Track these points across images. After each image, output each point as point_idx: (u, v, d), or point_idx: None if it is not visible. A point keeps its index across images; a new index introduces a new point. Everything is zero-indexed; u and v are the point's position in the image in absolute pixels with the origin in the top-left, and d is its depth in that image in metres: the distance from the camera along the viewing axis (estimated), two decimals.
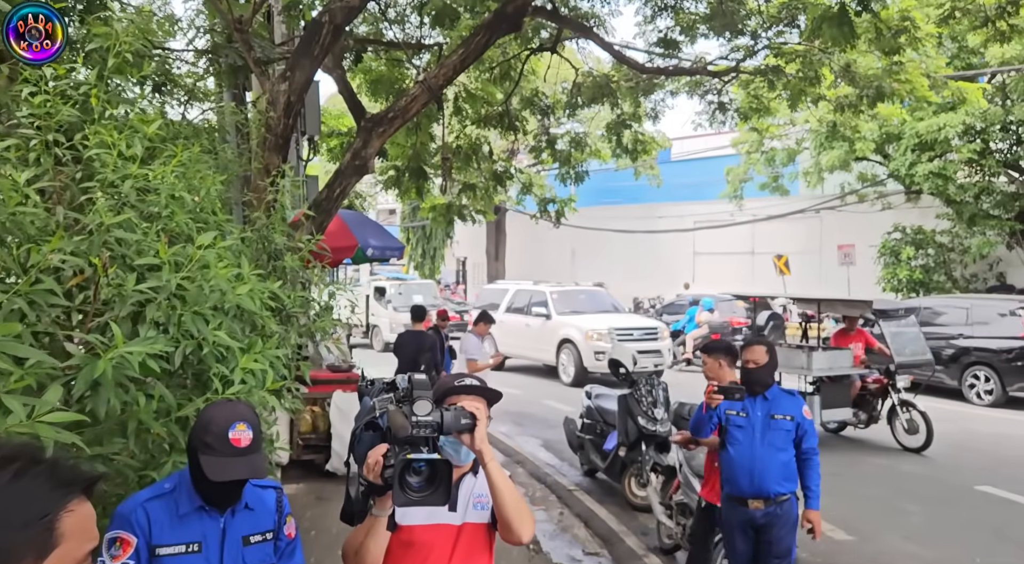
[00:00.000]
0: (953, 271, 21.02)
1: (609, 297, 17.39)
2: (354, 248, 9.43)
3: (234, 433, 2.00)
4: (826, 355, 9.33)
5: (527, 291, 17.00)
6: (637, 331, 15.08)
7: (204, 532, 2.07)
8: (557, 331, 15.27)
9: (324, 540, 5.43)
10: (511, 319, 16.58)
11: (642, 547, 5.97)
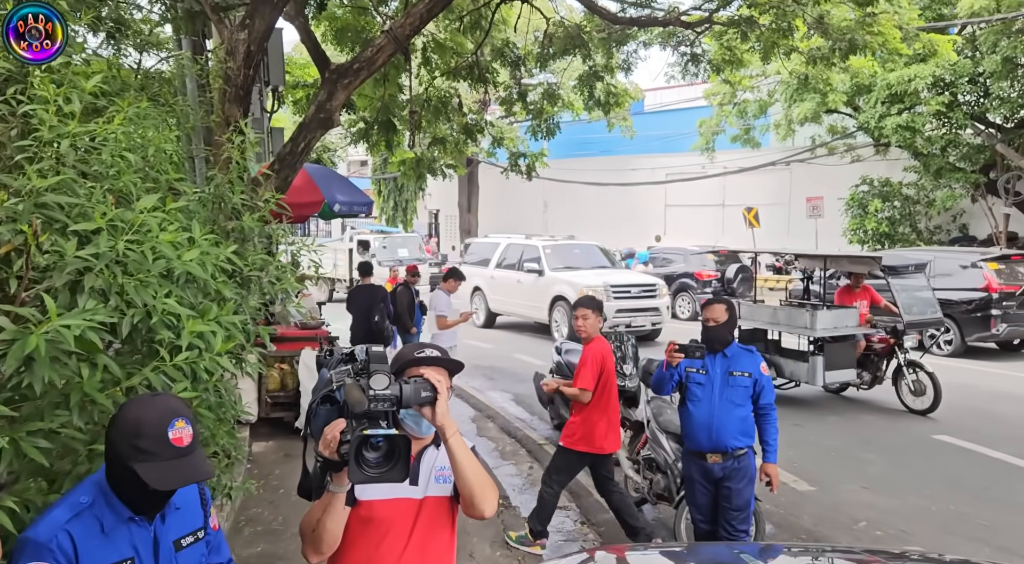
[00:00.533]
0: (918, 223, 21.36)
1: (602, 252, 16.47)
2: (320, 204, 9.24)
3: (174, 432, 1.77)
4: (830, 314, 8.91)
5: (519, 246, 16.20)
6: (634, 288, 14.38)
7: (135, 544, 1.85)
8: (550, 288, 14.62)
9: (293, 498, 5.43)
10: (502, 275, 16.02)
11: None
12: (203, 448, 3.41)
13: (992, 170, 19.99)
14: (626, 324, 13.55)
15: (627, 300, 13.83)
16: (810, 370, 8.80)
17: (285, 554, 4.79)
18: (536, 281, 14.96)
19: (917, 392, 8.68)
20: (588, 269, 14.94)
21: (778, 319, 9.32)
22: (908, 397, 8.78)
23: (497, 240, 17.37)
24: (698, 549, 3.21)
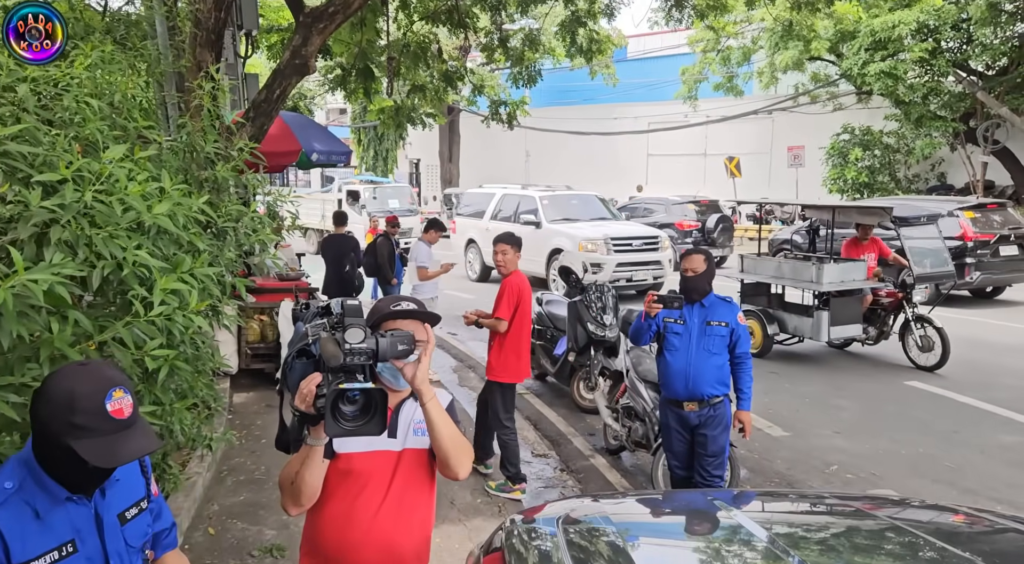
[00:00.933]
0: (897, 172, 21.44)
1: (601, 202, 15.72)
2: (298, 153, 9.09)
3: (112, 404, 1.61)
4: (837, 267, 8.55)
5: (515, 196, 15.52)
6: (636, 241, 13.65)
7: (76, 525, 1.69)
8: (548, 240, 13.91)
9: (275, 448, 5.47)
10: (497, 227, 14.54)
11: (589, 448, 6.17)
12: (181, 401, 3.43)
13: (972, 118, 20.03)
14: (627, 278, 13.10)
15: (628, 253, 13.22)
16: (815, 325, 8.55)
17: (268, 502, 4.84)
18: (533, 233, 14.09)
19: (925, 348, 8.35)
20: (587, 221, 14.37)
21: (783, 273, 9.03)
22: (915, 353, 8.47)
23: (492, 190, 16.62)
24: (673, 496, 3.29)
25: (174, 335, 2.62)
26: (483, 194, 16.81)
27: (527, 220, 14.54)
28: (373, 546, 2.14)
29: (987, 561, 1.80)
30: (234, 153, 4.19)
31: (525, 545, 2.12)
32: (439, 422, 2.08)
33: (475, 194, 17.45)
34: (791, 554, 1.83)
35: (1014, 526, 2.19)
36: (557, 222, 14.24)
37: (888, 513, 2.27)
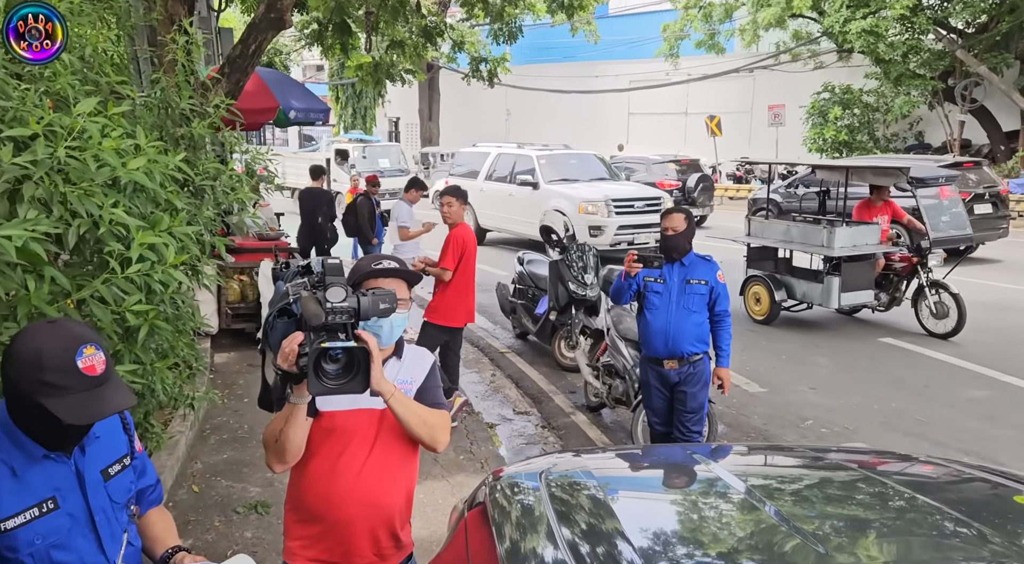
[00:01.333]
0: (876, 131, 21.52)
1: (600, 162, 15.15)
2: (275, 110, 8.92)
3: (83, 360, 1.58)
4: (850, 231, 8.17)
5: (511, 155, 14.85)
6: (638, 202, 13.06)
7: (55, 483, 1.67)
8: (546, 202, 13.28)
9: (257, 407, 5.50)
10: (492, 188, 14.69)
11: (570, 405, 6.26)
12: (162, 360, 3.42)
13: (951, 77, 20.09)
14: (628, 241, 12.47)
15: (630, 215, 12.61)
16: (824, 291, 8.23)
17: (252, 460, 4.88)
18: (530, 195, 13.68)
19: (939, 314, 8.01)
20: (586, 181, 13.82)
21: (791, 237, 8.67)
22: (928, 319, 8.12)
23: (486, 149, 16.00)
24: (653, 451, 3.35)
25: (153, 292, 2.60)
26: (477, 153, 16.17)
27: (524, 180, 13.98)
28: (357, 502, 2.17)
29: (953, 508, 1.86)
30: (210, 110, 4.10)
31: (508, 500, 2.16)
32: (404, 415, 2.10)
33: (469, 153, 16.71)
34: (767, 504, 1.88)
35: (980, 475, 2.26)
36: (555, 183, 13.61)
37: (860, 464, 2.34)
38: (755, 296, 8.91)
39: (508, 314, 8.26)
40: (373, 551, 2.22)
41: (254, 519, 4.24)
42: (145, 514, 1.94)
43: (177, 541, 1.93)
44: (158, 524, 1.95)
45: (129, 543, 1.82)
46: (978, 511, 1.93)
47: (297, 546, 2.25)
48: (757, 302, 8.88)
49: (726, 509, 1.97)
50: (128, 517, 1.83)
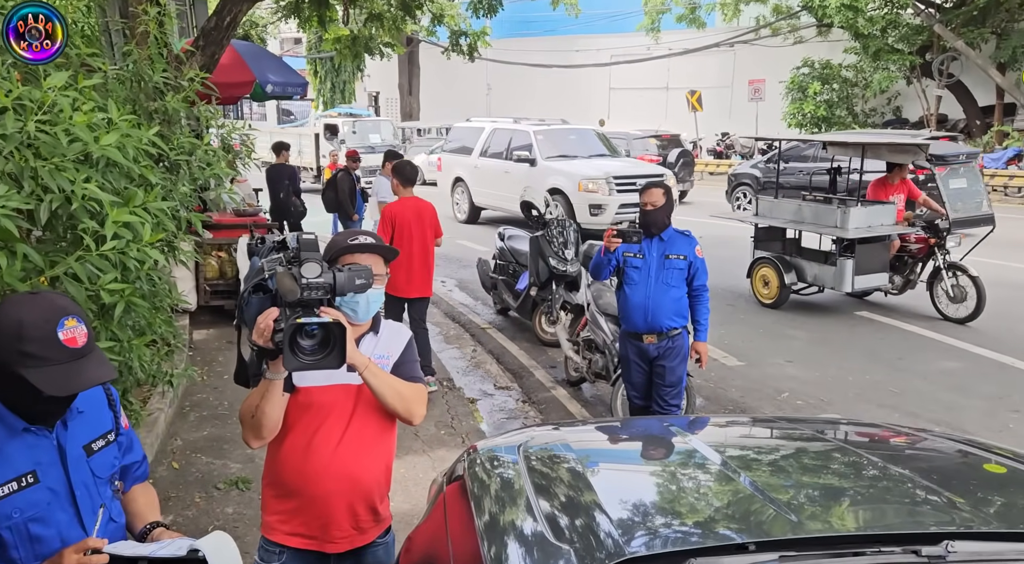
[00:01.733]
0: (854, 106, 21.64)
1: (599, 138, 14.53)
2: (251, 84, 8.78)
3: (65, 332, 1.58)
4: (864, 211, 7.78)
5: (506, 131, 14.26)
6: (640, 179, 11.55)
7: (36, 457, 1.65)
8: (544, 179, 12.69)
9: (237, 385, 5.48)
10: (487, 165, 14.17)
11: (550, 380, 6.30)
12: (139, 337, 3.39)
13: (928, 51, 20.20)
14: (631, 220, 12.07)
15: (632, 193, 11.54)
16: (837, 274, 7.84)
17: (232, 437, 4.88)
18: (528, 172, 13.06)
19: (956, 298, 7.67)
20: (585, 158, 13.28)
21: (802, 217, 8.25)
22: (944, 303, 7.79)
23: (481, 124, 15.39)
24: (631, 423, 3.39)
25: (129, 270, 2.57)
26: (470, 129, 15.54)
27: (521, 157, 13.39)
28: (335, 476, 2.18)
29: (924, 477, 1.91)
30: (184, 83, 4.03)
31: (487, 473, 2.18)
32: (380, 387, 2.11)
33: (462, 129, 16.04)
34: (742, 475, 1.92)
35: (948, 444, 2.32)
36: (553, 159, 13.10)
37: (834, 435, 2.39)
38: (763, 279, 8.55)
39: (489, 290, 8.26)
40: (351, 524, 2.24)
41: (235, 495, 4.25)
42: (129, 490, 1.94)
43: (158, 517, 1.93)
44: (140, 500, 1.95)
45: (112, 519, 1.81)
46: (948, 479, 1.98)
47: (275, 520, 2.26)
48: (765, 285, 8.52)
49: (703, 480, 2.00)
50: (112, 493, 1.83)
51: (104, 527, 1.78)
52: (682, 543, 1.56)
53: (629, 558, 1.46)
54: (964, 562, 1.44)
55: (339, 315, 1.93)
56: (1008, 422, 5.39)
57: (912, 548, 1.46)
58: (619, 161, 13.64)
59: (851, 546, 1.50)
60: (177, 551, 1.66)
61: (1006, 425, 5.32)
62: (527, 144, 13.51)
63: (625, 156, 14.82)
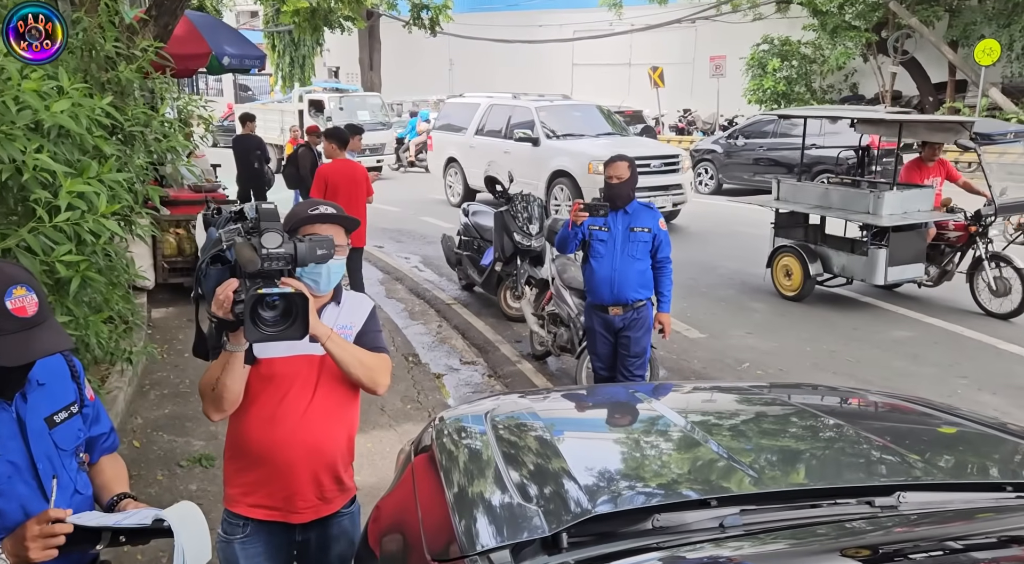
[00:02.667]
0: (813, 82, 21.96)
1: (604, 115, 13.31)
2: (207, 56, 8.55)
3: (13, 301, 1.54)
4: (900, 196, 7.04)
5: (505, 107, 13.14)
6: (655, 160, 11.43)
7: None
8: (548, 161, 11.74)
9: (198, 361, 5.41)
10: (484, 144, 13.06)
11: (516, 354, 6.34)
12: (96, 314, 3.32)
13: (884, 29, 20.55)
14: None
15: (646, 175, 10.05)
16: (868, 265, 7.18)
17: (194, 415, 4.82)
18: (530, 152, 11.98)
19: (999, 292, 6.96)
20: (592, 137, 12.16)
21: (829, 202, 7.53)
22: (986, 297, 7.10)
23: (476, 100, 14.13)
24: (596, 391, 3.43)
25: (84, 243, 2.51)
26: (464, 105, 14.38)
27: (522, 136, 12.20)
28: (299, 447, 2.16)
29: (879, 435, 1.98)
30: (138, 53, 3.91)
31: (455, 443, 2.19)
32: (343, 357, 2.10)
33: (455, 105, 14.85)
34: (705, 437, 1.96)
35: (901, 404, 2.40)
36: (558, 138, 12.03)
37: (794, 398, 2.45)
38: (785, 269, 7.82)
39: (454, 266, 8.25)
40: (316, 495, 2.23)
41: (199, 472, 4.22)
42: (97, 461, 1.92)
43: (126, 488, 1.90)
44: (108, 471, 1.92)
45: (77, 491, 1.79)
46: (902, 437, 2.06)
47: (238, 493, 2.25)
48: (787, 276, 7.81)
49: (667, 442, 2.05)
50: (77, 465, 1.80)
51: (69, 499, 1.76)
52: (647, 500, 1.60)
53: (596, 515, 1.49)
54: (914, 511, 1.50)
55: (301, 286, 1.91)
56: (956, 388, 5.58)
57: (867, 500, 1.52)
58: (629, 140, 12.57)
59: (810, 500, 1.55)
60: (142, 520, 1.65)
61: (955, 391, 5.51)
62: (528, 121, 12.35)
63: (636, 135, 13.86)
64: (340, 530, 2.33)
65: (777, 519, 1.47)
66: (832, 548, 1.36)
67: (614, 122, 13.21)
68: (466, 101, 14.57)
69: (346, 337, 2.19)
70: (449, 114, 14.83)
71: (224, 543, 2.28)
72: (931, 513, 1.52)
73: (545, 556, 1.43)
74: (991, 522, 1.50)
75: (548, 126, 12.20)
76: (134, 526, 1.64)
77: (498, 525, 1.60)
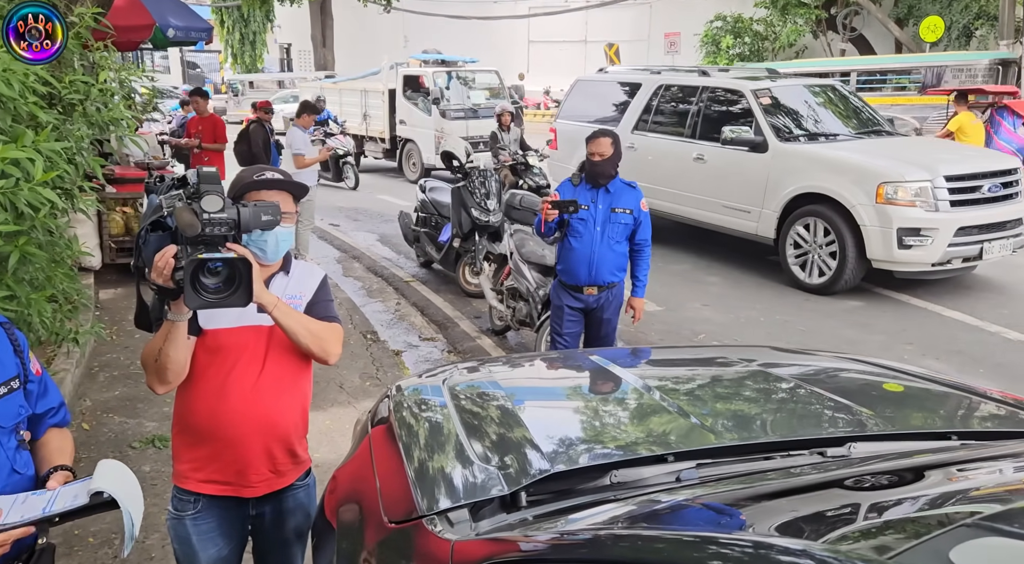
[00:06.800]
0: (765, 59, 22.24)
1: (851, 102, 8.58)
2: (150, 28, 8.26)
3: None
4: None
5: (690, 89, 8.57)
6: (986, 180, 7.07)
7: None
8: (785, 178, 7.39)
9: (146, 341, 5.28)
10: (656, 146, 8.66)
11: (475, 330, 6.32)
12: (38, 292, 3.20)
13: (832, 6, 20.90)
14: (974, 254, 6.81)
15: (975, 207, 6.84)
16: None
17: (146, 396, 4.70)
18: (747, 162, 7.62)
19: None
20: (851, 138, 7.81)
21: None
22: None
23: (632, 76, 9.49)
24: (556, 357, 3.43)
25: (23, 216, 2.41)
26: (610, 84, 9.74)
27: (733, 136, 7.71)
28: (250, 420, 2.11)
29: (833, 393, 2.02)
30: (75, 19, 3.75)
31: (413, 413, 2.17)
32: (291, 326, 2.04)
33: (594, 85, 10.04)
34: (664, 399, 1.98)
35: (856, 365, 2.45)
36: (796, 140, 7.63)
37: (751, 359, 2.49)
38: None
39: (411, 243, 8.18)
40: (269, 468, 2.19)
41: (152, 453, 4.12)
42: (44, 436, 1.84)
43: (65, 461, 1.82)
44: (51, 444, 1.85)
45: (15, 471, 1.71)
46: (853, 394, 2.10)
47: (188, 469, 2.19)
48: None
49: (625, 403, 2.06)
50: (17, 443, 1.73)
51: (5, 479, 1.69)
52: (605, 458, 1.60)
53: (554, 473, 1.49)
54: (863, 458, 1.54)
55: (245, 251, 1.85)
56: (903, 354, 5.74)
57: (819, 450, 1.55)
58: (911, 143, 8.55)
59: (765, 453, 1.58)
60: (74, 501, 1.58)
61: (901, 356, 5.67)
62: (740, 111, 7.91)
63: (909, 134, 9.39)
64: (295, 503, 2.30)
65: (732, 472, 1.49)
66: (780, 488, 1.38)
67: (874, 116, 8.47)
68: (614, 78, 9.85)
69: (296, 307, 2.13)
70: (582, 96, 10.05)
71: (175, 520, 2.22)
72: (877, 456, 1.55)
73: (504, 514, 1.42)
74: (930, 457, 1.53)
75: (776, 120, 7.72)
76: (72, 509, 1.57)
77: (456, 487, 1.59)
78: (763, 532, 1.13)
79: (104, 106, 3.53)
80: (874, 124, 8.26)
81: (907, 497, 1.24)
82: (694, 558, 1.08)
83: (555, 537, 1.26)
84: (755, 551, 1.04)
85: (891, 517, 1.19)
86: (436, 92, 13.36)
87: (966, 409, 2.01)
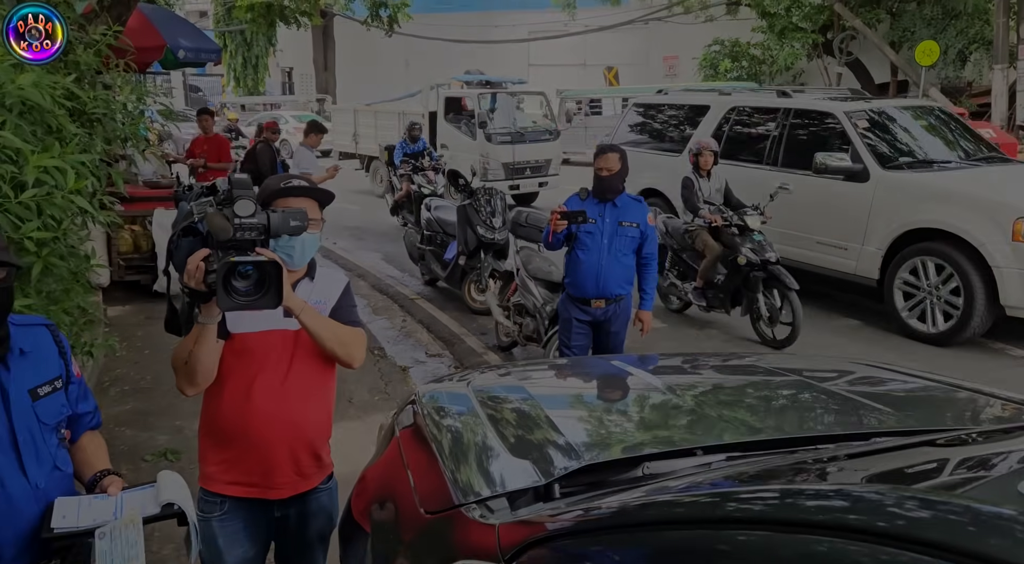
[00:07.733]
0: (762, 82, 22.53)
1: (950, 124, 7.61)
2: (162, 49, 8.37)
3: None
4: None
5: (765, 112, 7.79)
6: None
7: None
8: (894, 210, 6.37)
9: (159, 357, 5.30)
10: (731, 174, 7.08)
11: (481, 346, 6.35)
12: (56, 305, 3.23)
13: (829, 30, 21.19)
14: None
15: None
16: None
17: (158, 410, 4.72)
18: (845, 192, 6.63)
19: None
20: (960, 166, 6.88)
21: None
22: None
23: (702, 98, 8.71)
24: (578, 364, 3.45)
25: (52, 222, 2.46)
26: (671, 107, 8.96)
27: (827, 164, 6.56)
28: (276, 422, 2.14)
29: (855, 395, 2.05)
30: (96, 38, 3.82)
31: (442, 413, 2.19)
32: (317, 329, 2.08)
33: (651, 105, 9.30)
34: (687, 398, 2.01)
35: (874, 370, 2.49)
36: (901, 168, 6.65)
37: (771, 365, 2.53)
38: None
39: (417, 261, 8.22)
40: (294, 470, 2.21)
41: (164, 466, 4.12)
42: (78, 439, 1.88)
43: (107, 465, 1.87)
44: (89, 447, 1.89)
45: (57, 468, 1.75)
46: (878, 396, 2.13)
47: (215, 470, 2.22)
48: None
49: (651, 403, 2.09)
50: (58, 441, 1.77)
51: (48, 475, 1.72)
52: (636, 450, 1.64)
53: (587, 466, 1.52)
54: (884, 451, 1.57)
55: (274, 255, 1.89)
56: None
57: (844, 445, 1.59)
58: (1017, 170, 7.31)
59: (792, 447, 1.61)
60: (144, 510, 1.62)
61: None
62: (830, 135, 6.97)
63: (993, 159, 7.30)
64: (319, 506, 2.32)
65: (763, 464, 1.53)
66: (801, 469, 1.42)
67: (977, 138, 7.62)
68: (675, 100, 9.02)
69: (320, 312, 2.17)
70: (639, 122, 9.20)
71: (202, 522, 2.24)
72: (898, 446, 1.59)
73: (540, 504, 1.46)
74: None
75: (876, 145, 6.79)
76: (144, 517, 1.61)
77: (493, 478, 1.63)
78: None
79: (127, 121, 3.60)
80: (984, 150, 7.31)
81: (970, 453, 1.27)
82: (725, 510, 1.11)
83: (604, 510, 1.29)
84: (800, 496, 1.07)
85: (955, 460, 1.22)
86: (483, 115, 12.47)
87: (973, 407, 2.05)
